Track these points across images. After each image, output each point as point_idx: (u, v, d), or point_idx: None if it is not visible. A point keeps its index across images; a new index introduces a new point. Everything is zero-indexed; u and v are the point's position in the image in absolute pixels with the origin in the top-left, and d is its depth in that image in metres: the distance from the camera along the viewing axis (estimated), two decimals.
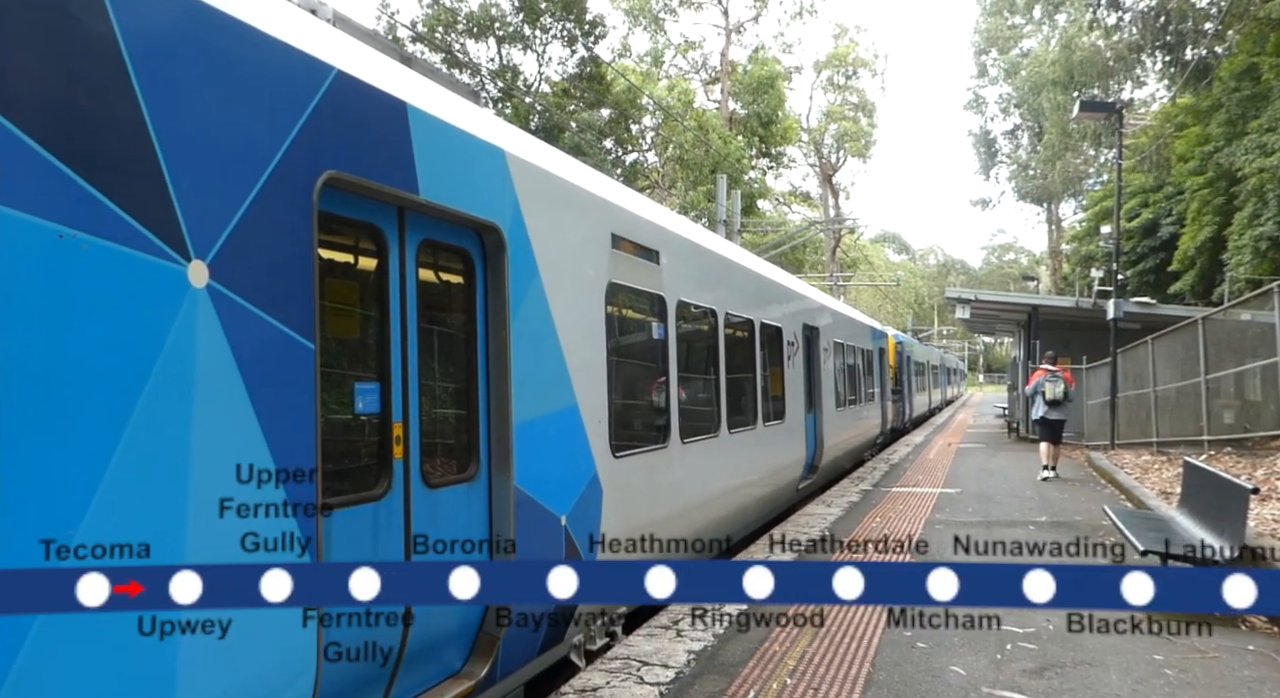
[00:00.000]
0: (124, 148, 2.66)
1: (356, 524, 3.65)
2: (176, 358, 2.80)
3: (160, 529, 2.74)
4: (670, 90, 39.48)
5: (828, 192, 58.19)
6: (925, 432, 27.79)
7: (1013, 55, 45.51)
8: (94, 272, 2.57)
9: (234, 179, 3.03)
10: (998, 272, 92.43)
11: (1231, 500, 6.88)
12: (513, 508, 4.55)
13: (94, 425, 2.58)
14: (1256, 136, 20.25)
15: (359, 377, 3.89)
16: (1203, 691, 4.85)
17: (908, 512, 11.13)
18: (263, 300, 3.09)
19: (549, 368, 5.11)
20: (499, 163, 4.71)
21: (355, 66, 3.71)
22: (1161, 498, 10.89)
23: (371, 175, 3.69)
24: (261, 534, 2.86)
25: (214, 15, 3.01)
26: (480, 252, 4.58)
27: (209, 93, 2.97)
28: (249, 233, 3.04)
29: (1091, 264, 36.43)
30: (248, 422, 3.04)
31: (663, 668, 5.06)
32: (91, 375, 2.58)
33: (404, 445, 3.97)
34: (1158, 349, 16.95)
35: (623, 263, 6.29)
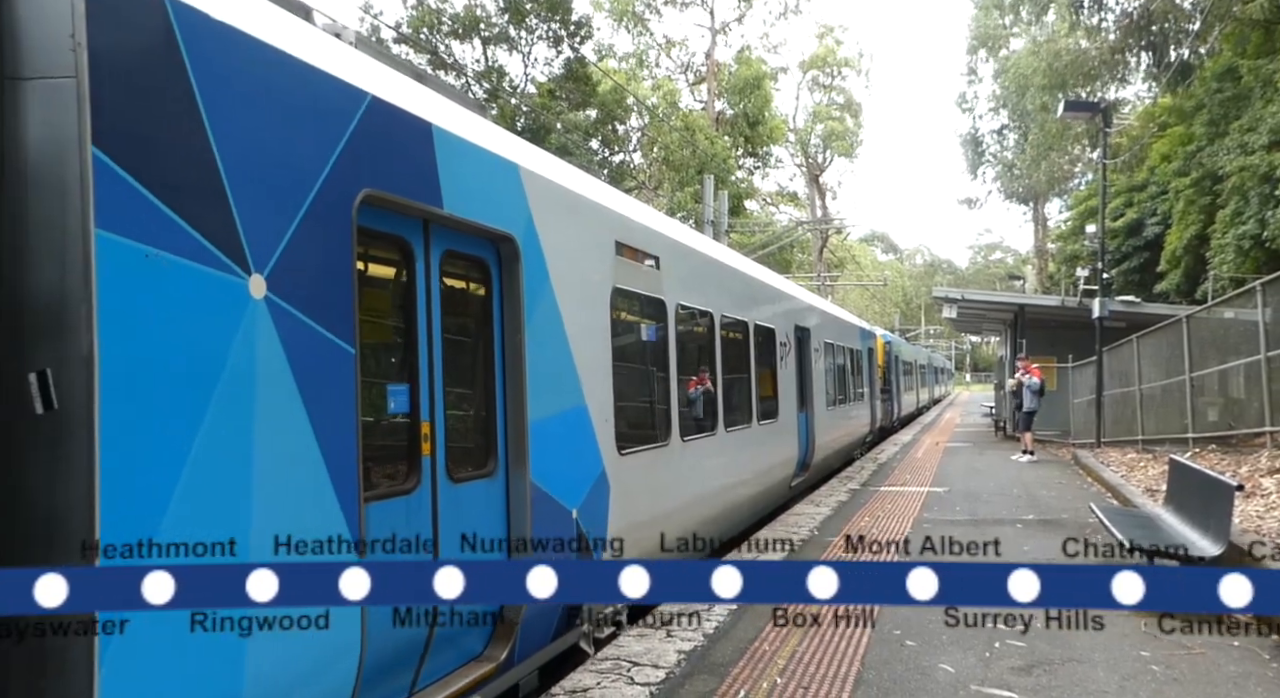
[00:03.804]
0: (194, 174, 2.96)
1: (390, 516, 3.93)
2: (241, 363, 3.08)
3: (229, 521, 3.02)
4: (656, 90, 39.50)
5: (814, 191, 58.38)
6: (913, 431, 27.94)
7: (1001, 55, 45.71)
8: (173, 286, 2.86)
9: (286, 199, 3.33)
10: (984, 271, 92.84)
11: (1217, 497, 6.95)
12: (529, 502, 4.84)
13: (176, 427, 2.87)
14: (1238, 136, 20.46)
15: (390, 379, 4.18)
16: (1189, 687, 4.90)
17: (896, 511, 11.19)
18: (311, 309, 3.38)
19: (560, 370, 5.41)
20: (514, 177, 5.02)
21: (385, 91, 4.01)
22: (1147, 495, 10.98)
23: (402, 192, 4.00)
24: (312, 526, 3.22)
25: (268, 51, 3.31)
26: (497, 260, 4.88)
27: (264, 121, 3.27)
28: (299, 248, 3.33)
29: (1077, 263, 36.63)
30: (301, 422, 3.31)
31: (653, 668, 5.08)
32: (173, 380, 2.87)
33: (431, 443, 4.26)
34: (1143, 347, 17.09)
35: (626, 269, 6.59)
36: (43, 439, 2.61)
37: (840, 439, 16.97)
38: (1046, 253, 54.81)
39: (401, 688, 4.03)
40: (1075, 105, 23.70)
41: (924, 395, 44.27)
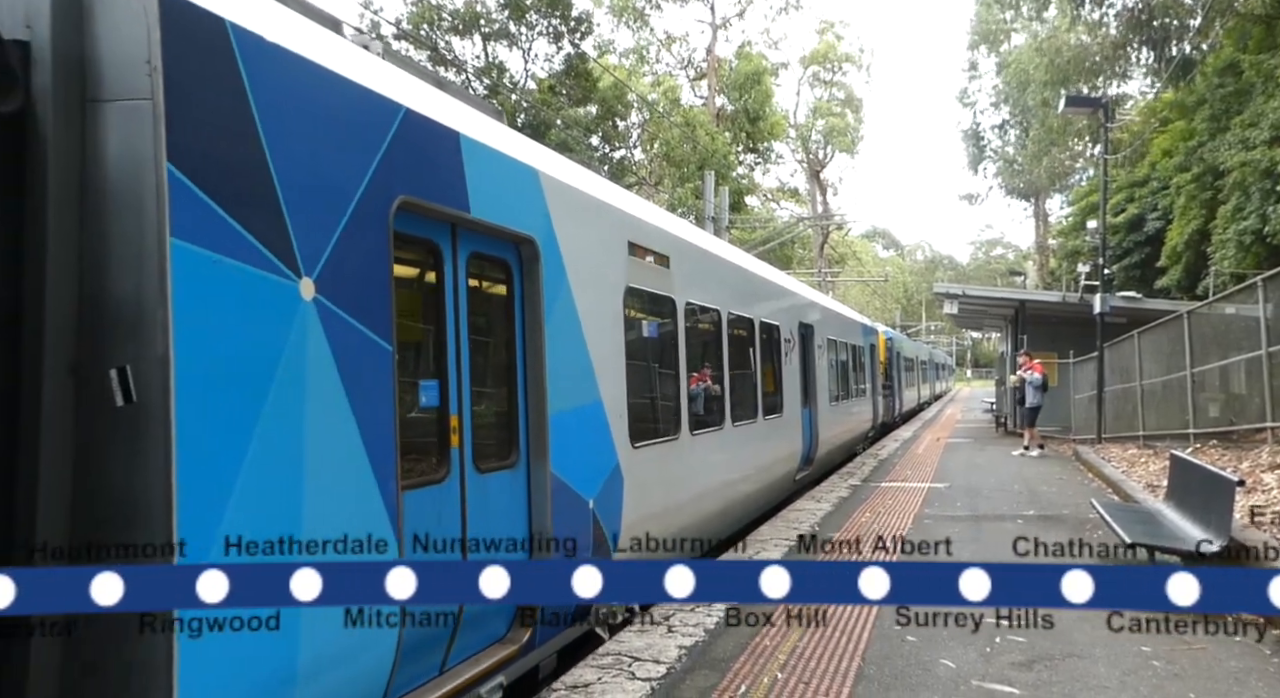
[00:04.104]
0: (253, 185, 3.21)
1: (424, 504, 4.18)
2: (293, 360, 3.34)
3: (286, 504, 3.29)
4: (656, 86, 39.43)
5: (815, 187, 58.35)
6: (914, 427, 27.93)
7: (1003, 50, 45.61)
8: (236, 289, 3.12)
9: (332, 207, 3.58)
10: (985, 267, 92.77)
11: (1218, 493, 6.96)
12: (549, 492, 5.10)
13: (240, 417, 3.13)
14: (1239, 131, 20.42)
15: (422, 375, 4.42)
16: (1190, 682, 4.90)
17: (898, 506, 11.19)
18: (354, 310, 3.63)
19: (577, 365, 5.65)
20: (534, 181, 5.28)
21: (417, 103, 4.26)
22: (1148, 491, 10.99)
23: (433, 198, 4.26)
24: (357, 514, 3.52)
25: (315, 69, 3.57)
26: (518, 261, 5.13)
27: (312, 135, 3.52)
28: (343, 252, 3.59)
29: (1078, 259, 36.63)
30: (345, 415, 3.57)
31: (654, 664, 5.09)
32: (237, 375, 3.13)
33: (459, 435, 4.52)
34: (1144, 343, 17.06)
35: (638, 268, 6.85)
36: (122, 430, 2.86)
37: (843, 435, 17.21)
38: (1048, 249, 54.79)
39: (433, 666, 4.25)
40: (1077, 101, 23.69)
41: (925, 391, 44.35)
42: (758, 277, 11.45)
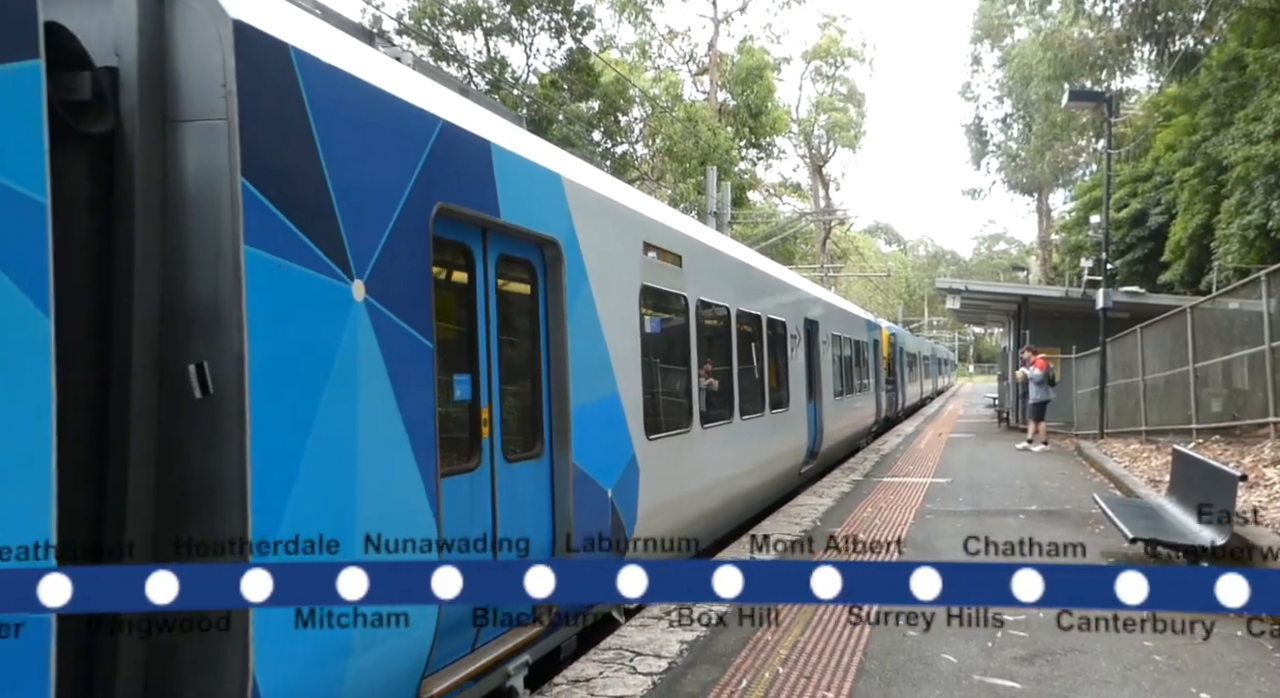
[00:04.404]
0: (312, 195, 3.50)
1: (459, 490, 4.48)
2: (347, 356, 3.64)
3: (341, 487, 3.59)
4: (658, 81, 39.35)
5: (818, 182, 58.27)
6: (916, 422, 27.94)
7: (1005, 44, 45.46)
8: (299, 291, 3.42)
9: (379, 214, 3.89)
10: (988, 262, 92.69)
11: (1220, 488, 6.94)
12: (571, 481, 5.41)
13: (303, 408, 3.43)
14: (1243, 126, 20.35)
15: (457, 370, 4.70)
16: (1192, 676, 4.90)
17: (899, 502, 11.20)
18: (399, 309, 3.93)
19: (596, 361, 5.93)
20: (557, 186, 5.59)
21: (452, 114, 4.57)
22: (1150, 486, 10.98)
23: (467, 203, 4.57)
24: (402, 500, 3.84)
25: (363, 87, 3.88)
26: (542, 262, 5.44)
27: (362, 147, 3.83)
28: (389, 256, 3.89)
29: (1081, 254, 36.59)
30: (391, 407, 3.86)
31: (655, 658, 5.10)
32: (300, 370, 3.43)
33: (490, 427, 4.82)
34: (1147, 338, 17.04)
35: (653, 267, 7.16)
36: (200, 419, 3.15)
37: (847, 429, 17.46)
38: (1050, 244, 54.72)
39: (466, 643, 4.55)
40: (1080, 95, 23.59)
41: (927, 386, 44.43)
42: (765, 274, 11.74)
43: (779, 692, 4.75)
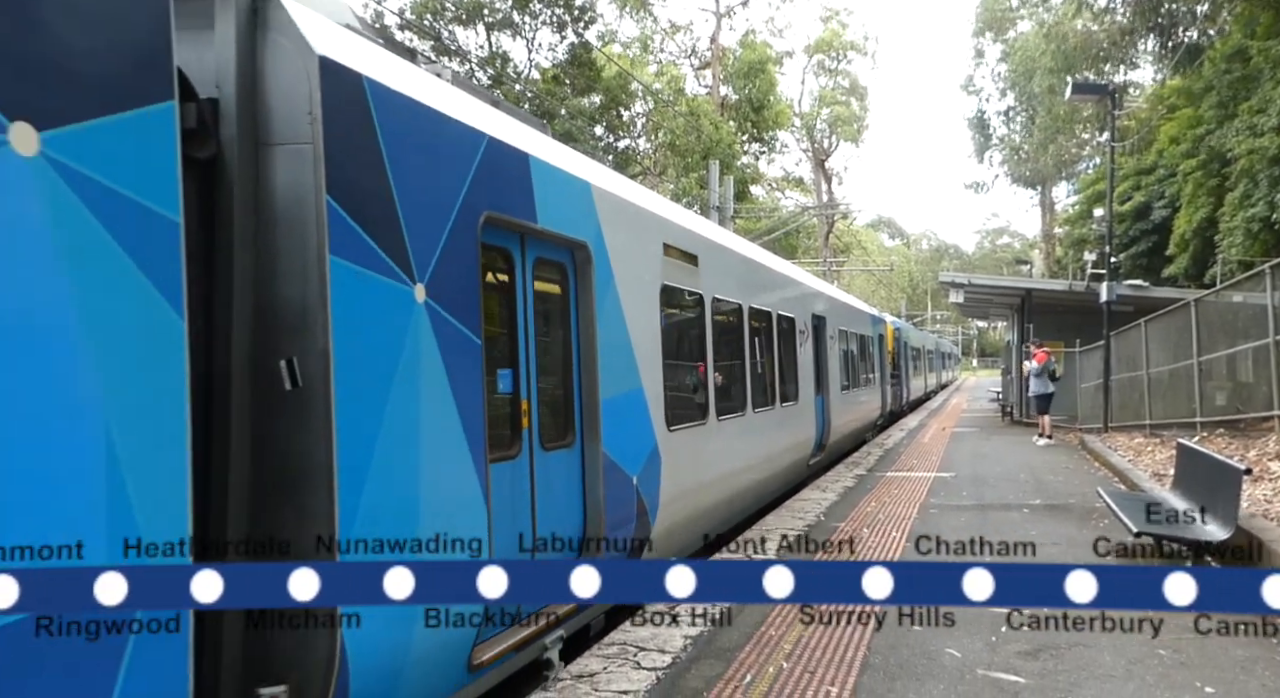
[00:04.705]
0: (382, 209, 3.92)
1: (503, 475, 4.90)
2: (411, 353, 4.06)
3: (408, 468, 4.03)
4: (660, 76, 39.27)
5: (820, 177, 58.22)
6: (920, 416, 27.93)
7: (1009, 37, 45.29)
8: (373, 295, 3.85)
9: (436, 223, 4.30)
10: (991, 256, 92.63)
11: (1224, 481, 6.95)
12: (601, 469, 5.84)
13: (377, 399, 3.85)
14: (1247, 118, 20.28)
15: (501, 365, 5.11)
16: (1196, 670, 4.91)
17: (903, 496, 11.21)
18: (453, 309, 4.35)
19: (622, 356, 6.35)
20: (587, 193, 6.03)
21: (495, 130, 4.98)
22: (1155, 480, 10.98)
23: (509, 212, 4.99)
24: (457, 486, 4.27)
25: (422, 108, 4.32)
26: (573, 264, 5.87)
27: (422, 164, 4.25)
28: (445, 261, 4.31)
29: (1084, 247, 36.56)
30: (448, 398, 4.28)
31: (659, 653, 5.13)
32: (375, 365, 3.85)
33: (529, 417, 5.25)
34: (1151, 332, 17.05)
35: (672, 268, 7.59)
36: (290, 410, 3.55)
37: (853, 422, 17.88)
38: (1054, 237, 54.63)
39: (509, 618, 4.98)
40: (1083, 87, 23.50)
41: (931, 380, 44.57)
42: (775, 272, 12.23)
43: (783, 687, 4.76)
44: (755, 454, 10.13)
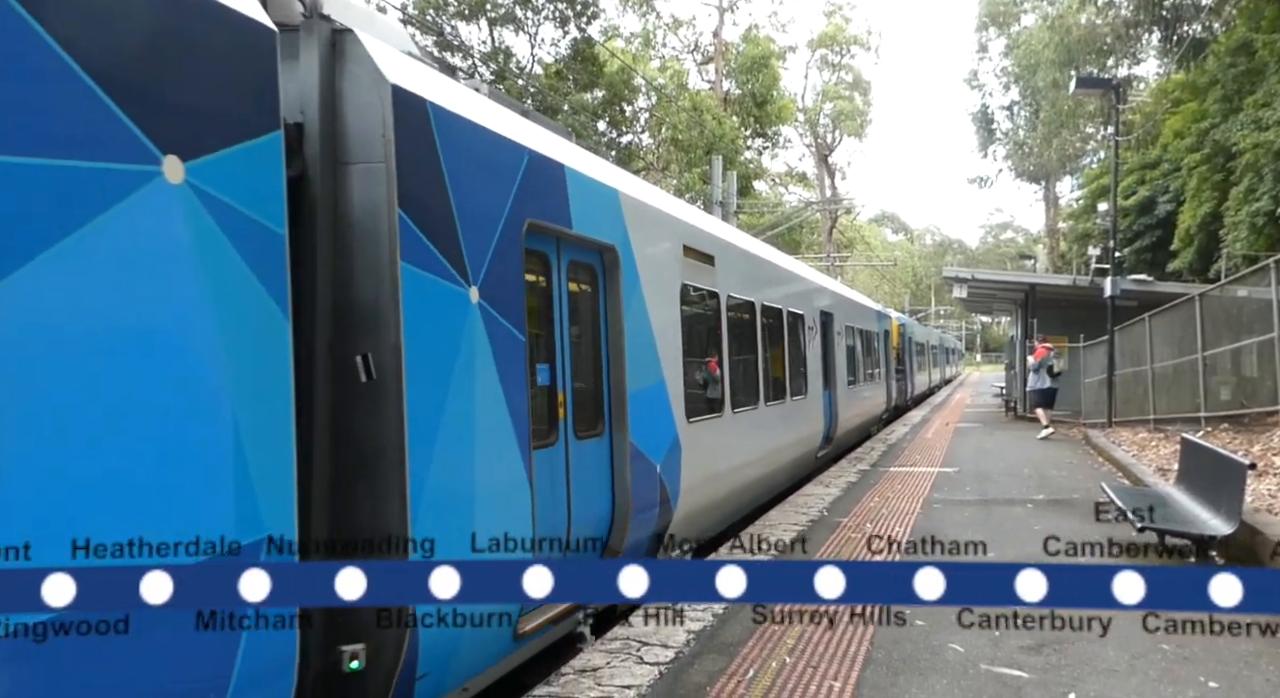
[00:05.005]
0: (442, 219, 4.39)
1: (543, 461, 5.36)
2: (467, 349, 4.53)
3: (465, 450, 4.47)
4: (663, 71, 39.20)
5: (824, 171, 58.26)
6: (924, 411, 27.93)
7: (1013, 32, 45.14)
8: (436, 297, 4.32)
9: (487, 231, 4.76)
10: (995, 251, 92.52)
11: (1229, 476, 6.96)
12: (628, 457, 6.29)
13: (440, 389, 4.31)
14: (1252, 112, 20.24)
15: (540, 360, 5.55)
16: (1200, 665, 4.92)
17: (906, 491, 11.24)
18: (501, 309, 4.79)
19: (646, 351, 6.79)
20: (615, 199, 6.48)
21: (535, 144, 5.45)
22: (1159, 475, 10.98)
23: (548, 219, 5.44)
24: (506, 469, 4.74)
25: (475, 127, 4.79)
26: (602, 266, 6.32)
27: (475, 178, 4.71)
28: (494, 265, 4.76)
29: (1088, 242, 36.50)
30: (497, 390, 4.72)
31: (662, 648, 5.15)
32: (438, 360, 4.31)
33: (564, 409, 5.71)
34: (1155, 326, 17.03)
35: (690, 268, 8.05)
36: (365, 399, 3.99)
37: (859, 415, 18.35)
38: (1058, 232, 54.58)
39: None
40: (1088, 82, 23.52)
41: (935, 375, 44.79)
42: (785, 270, 12.75)
43: (786, 681, 4.78)
44: (767, 446, 10.57)
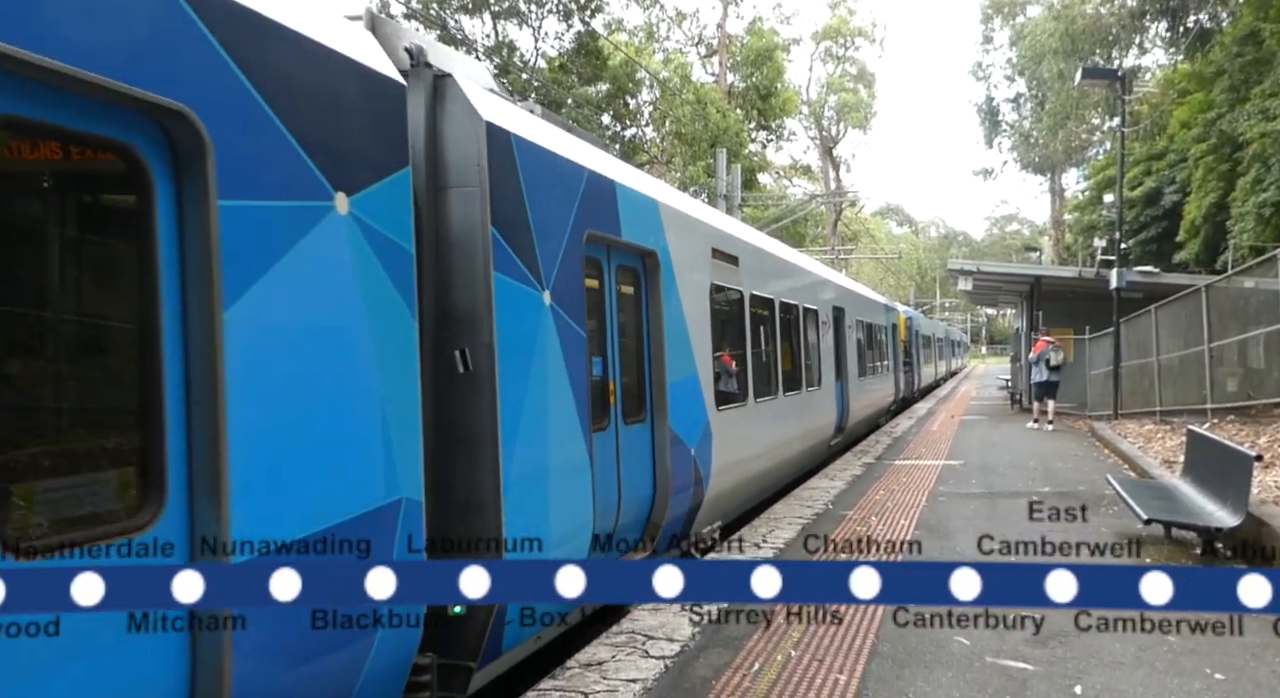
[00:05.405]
0: (523, 233, 5.11)
1: (600, 443, 6.10)
2: (542, 344, 5.25)
3: (542, 429, 5.22)
4: (667, 64, 39.13)
5: (828, 164, 58.40)
6: (929, 403, 27.92)
7: (1017, 23, 44.93)
8: (520, 300, 5.03)
9: (555, 243, 5.49)
10: (1000, 243, 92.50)
11: (1235, 468, 6.96)
12: (668, 442, 7.06)
13: (522, 379, 5.02)
14: (1259, 102, 20.27)
15: (595, 354, 6.25)
16: (1205, 657, 4.93)
17: (912, 484, 11.28)
18: (567, 309, 5.53)
19: (682, 346, 7.53)
20: (655, 209, 7.26)
21: (591, 163, 6.20)
22: (1165, 467, 10.99)
23: (602, 229, 6.20)
24: (573, 448, 5.53)
25: (545, 152, 5.52)
26: (644, 269, 7.07)
27: (546, 196, 5.41)
28: (562, 271, 5.49)
29: (1094, 234, 36.55)
30: (565, 381, 5.47)
31: (668, 642, 5.18)
32: (522, 354, 5.02)
33: (615, 397, 6.47)
34: (1161, 318, 17.05)
35: (718, 269, 8.83)
36: (464, 388, 4.72)
37: (869, 406, 19.10)
38: (1063, 224, 54.62)
39: (610, 549, 6.28)
40: (1093, 72, 23.44)
41: (941, 368, 45.16)
42: (801, 268, 13.64)
43: (791, 675, 4.80)
44: (785, 434, 11.38)
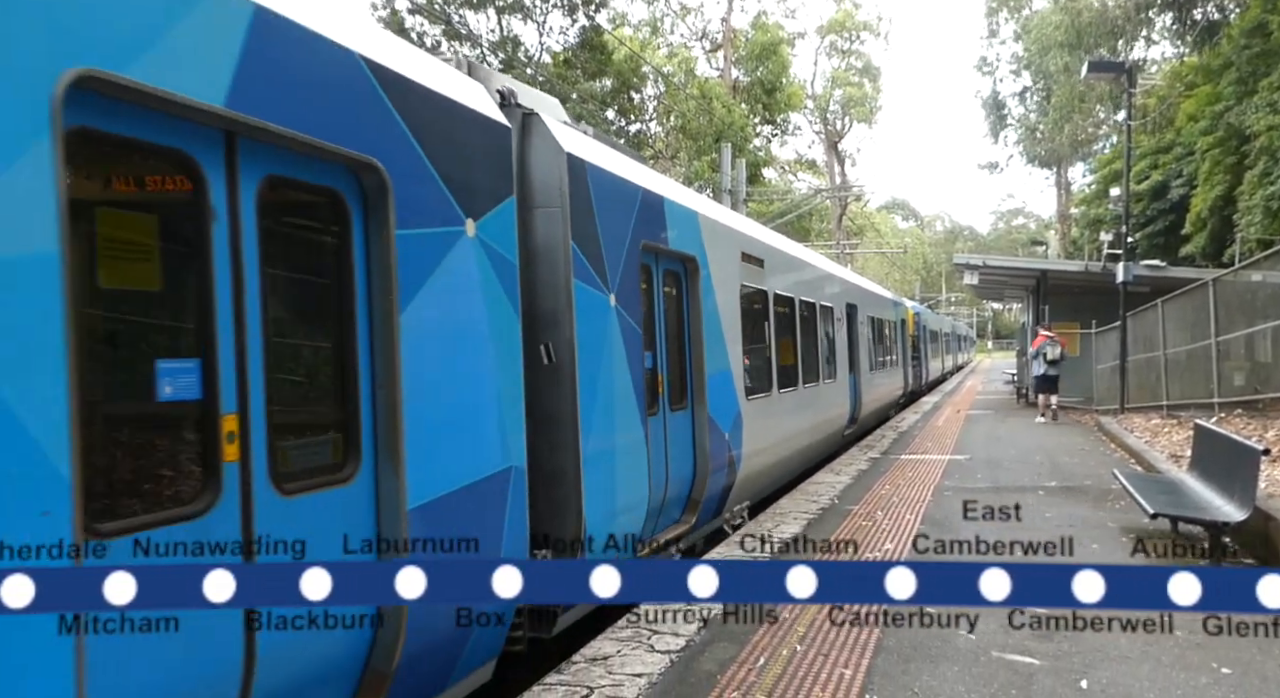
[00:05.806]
0: (594, 245, 6.01)
1: (652, 426, 6.96)
2: (609, 340, 6.16)
3: (611, 416, 6.09)
4: (672, 58, 39.06)
5: (833, 158, 58.27)
6: (935, 397, 27.93)
7: (1023, 15, 44.74)
8: (592, 302, 5.92)
9: (619, 251, 6.38)
10: (1006, 237, 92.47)
11: (1242, 462, 6.96)
12: (707, 427, 7.97)
13: (596, 371, 5.89)
14: (1267, 95, 20.21)
15: (648, 348, 7.10)
16: (1212, 651, 4.94)
17: (918, 479, 11.30)
18: (628, 309, 6.45)
19: (717, 341, 8.43)
20: (695, 219, 8.17)
21: (644, 182, 7.13)
22: (1172, 461, 11.00)
23: (653, 239, 7.11)
24: (633, 431, 6.43)
25: (609, 174, 6.40)
26: (685, 273, 7.98)
27: (611, 212, 6.31)
28: (623, 277, 6.40)
29: (1100, 227, 36.54)
30: (626, 372, 6.39)
31: (673, 636, 5.22)
32: (596, 348, 5.91)
33: (662, 387, 7.35)
34: (1168, 312, 17.03)
35: (746, 271, 9.76)
36: (548, 378, 5.60)
37: (880, 398, 19.99)
38: (1069, 218, 54.53)
39: (652, 529, 7.11)
40: (1099, 65, 23.38)
41: (948, 362, 45.51)
42: (818, 268, 14.63)
43: (796, 669, 4.82)
44: (804, 423, 12.42)
